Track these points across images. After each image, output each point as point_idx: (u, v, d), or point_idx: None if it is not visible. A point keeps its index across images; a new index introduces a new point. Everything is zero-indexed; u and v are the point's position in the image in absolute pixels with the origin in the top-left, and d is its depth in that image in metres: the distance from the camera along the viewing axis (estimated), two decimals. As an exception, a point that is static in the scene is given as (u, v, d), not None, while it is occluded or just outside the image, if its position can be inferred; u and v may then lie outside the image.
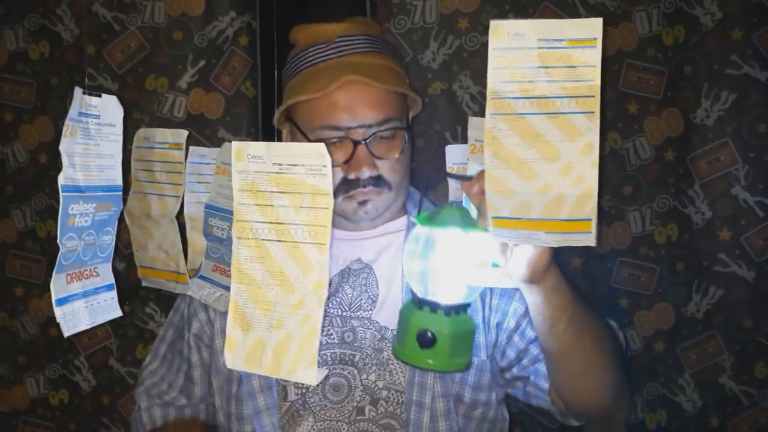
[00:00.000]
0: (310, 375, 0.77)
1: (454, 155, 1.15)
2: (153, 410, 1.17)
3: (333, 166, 0.99)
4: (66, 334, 0.70)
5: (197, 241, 1.03)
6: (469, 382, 1.04)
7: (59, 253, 0.68)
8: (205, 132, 1.46)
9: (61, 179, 0.65)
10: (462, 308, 0.87)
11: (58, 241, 0.67)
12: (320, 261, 0.75)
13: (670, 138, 1.38)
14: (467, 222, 0.84)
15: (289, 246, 0.76)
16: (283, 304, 0.77)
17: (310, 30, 1.10)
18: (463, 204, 0.93)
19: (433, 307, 0.85)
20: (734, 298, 1.38)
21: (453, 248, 0.84)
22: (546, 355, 0.98)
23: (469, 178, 0.85)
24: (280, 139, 1.19)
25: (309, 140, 1.03)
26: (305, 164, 0.74)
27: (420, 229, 0.88)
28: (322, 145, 0.74)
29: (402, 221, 1.12)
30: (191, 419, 1.17)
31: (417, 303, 0.87)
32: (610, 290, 1.42)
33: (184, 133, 0.92)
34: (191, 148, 1.21)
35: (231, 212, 0.83)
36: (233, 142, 0.77)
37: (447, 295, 0.86)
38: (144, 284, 1.08)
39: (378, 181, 1.03)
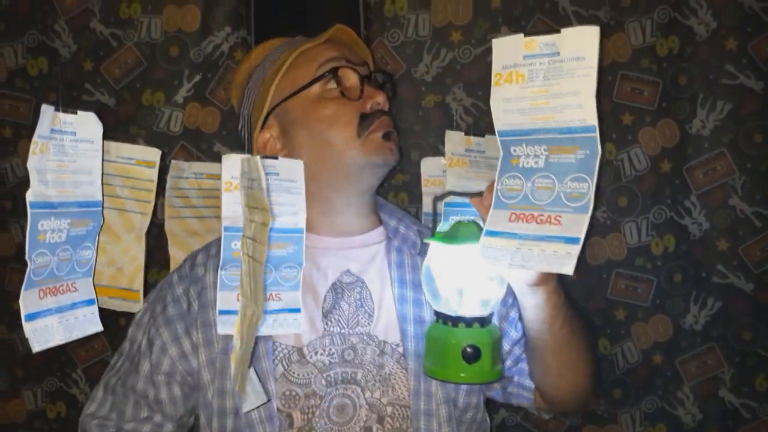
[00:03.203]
0: None
1: (430, 167, 1.16)
2: None
3: (350, 99, 1.03)
4: (35, 349, 0.70)
5: (179, 257, 1.02)
6: (463, 387, 1.03)
7: (28, 269, 0.68)
8: (202, 146, 1.47)
9: (30, 196, 0.65)
10: (490, 318, 0.90)
11: (26, 257, 0.67)
12: None
13: (666, 148, 1.37)
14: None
15: None
16: None
17: (263, 47, 1.19)
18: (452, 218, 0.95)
19: (469, 322, 0.88)
20: (733, 310, 1.36)
21: (472, 263, 0.86)
22: (538, 354, 0.99)
23: (479, 194, 0.87)
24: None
25: (321, 78, 1.05)
26: None
27: (438, 248, 0.90)
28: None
29: (379, 232, 1.12)
30: None
31: (450, 321, 0.89)
32: (607, 302, 1.41)
33: (157, 151, 0.93)
34: (173, 162, 1.22)
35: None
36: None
37: (478, 308, 0.89)
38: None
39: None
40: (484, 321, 0.89)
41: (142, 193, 0.93)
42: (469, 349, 0.86)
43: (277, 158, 0.82)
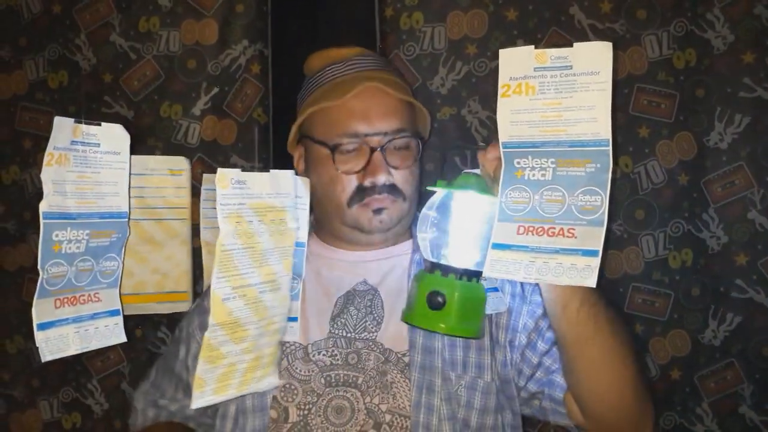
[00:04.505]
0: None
1: None
2: (147, 411, 1.20)
3: (348, 174, 1.05)
4: (45, 358, 0.70)
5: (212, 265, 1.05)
6: (476, 406, 1.01)
7: (40, 279, 0.68)
8: (219, 158, 1.48)
9: (44, 206, 0.65)
10: (474, 275, 0.88)
11: (38, 266, 0.67)
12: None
13: (683, 161, 1.36)
14: (482, 188, 0.86)
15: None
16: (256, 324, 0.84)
17: (327, 54, 1.16)
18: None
19: (445, 270, 0.87)
20: (753, 325, 1.34)
21: (467, 212, 0.87)
22: (561, 346, 0.95)
23: (484, 148, 0.88)
24: (291, 165, 1.20)
25: (328, 148, 1.06)
26: None
27: (436, 196, 0.92)
28: None
29: (407, 245, 1.14)
30: (178, 423, 1.19)
31: (429, 267, 0.89)
32: (624, 316, 1.39)
33: (185, 160, 0.95)
34: (205, 175, 1.24)
35: None
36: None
37: (459, 259, 0.87)
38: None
39: (392, 189, 1.06)
40: (463, 274, 0.87)
41: (176, 200, 0.96)
42: (438, 298, 0.84)
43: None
